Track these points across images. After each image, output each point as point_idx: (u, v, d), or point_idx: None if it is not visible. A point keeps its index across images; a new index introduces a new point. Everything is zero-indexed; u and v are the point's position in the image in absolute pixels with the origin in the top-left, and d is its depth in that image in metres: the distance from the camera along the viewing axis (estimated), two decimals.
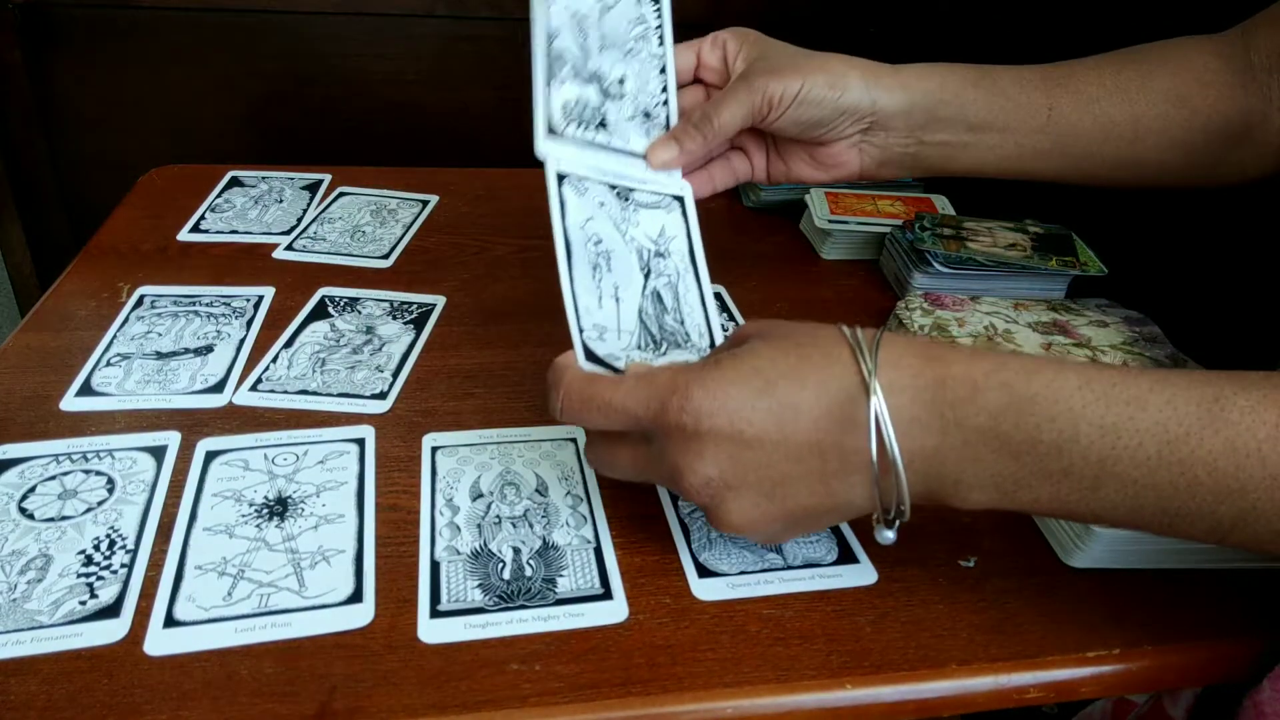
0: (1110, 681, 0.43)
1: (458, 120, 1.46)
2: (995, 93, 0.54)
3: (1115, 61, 0.55)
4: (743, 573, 0.46)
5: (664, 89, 0.54)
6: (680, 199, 0.53)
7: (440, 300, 0.69)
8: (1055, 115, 0.53)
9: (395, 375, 0.60)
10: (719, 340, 0.49)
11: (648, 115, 0.53)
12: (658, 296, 0.49)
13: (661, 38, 0.54)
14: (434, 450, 0.53)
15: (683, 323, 0.49)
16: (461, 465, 0.52)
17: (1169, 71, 0.54)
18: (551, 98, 0.48)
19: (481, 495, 0.50)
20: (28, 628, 0.41)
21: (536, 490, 0.50)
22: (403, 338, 0.64)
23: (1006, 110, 0.53)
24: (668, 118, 0.54)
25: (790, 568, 0.46)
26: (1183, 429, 0.34)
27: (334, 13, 1.38)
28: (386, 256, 0.75)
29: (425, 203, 0.85)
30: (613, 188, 0.49)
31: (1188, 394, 0.34)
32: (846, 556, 0.47)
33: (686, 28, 0.55)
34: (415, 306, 0.68)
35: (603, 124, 0.51)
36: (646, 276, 0.49)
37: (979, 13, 1.15)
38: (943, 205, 0.83)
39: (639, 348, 0.46)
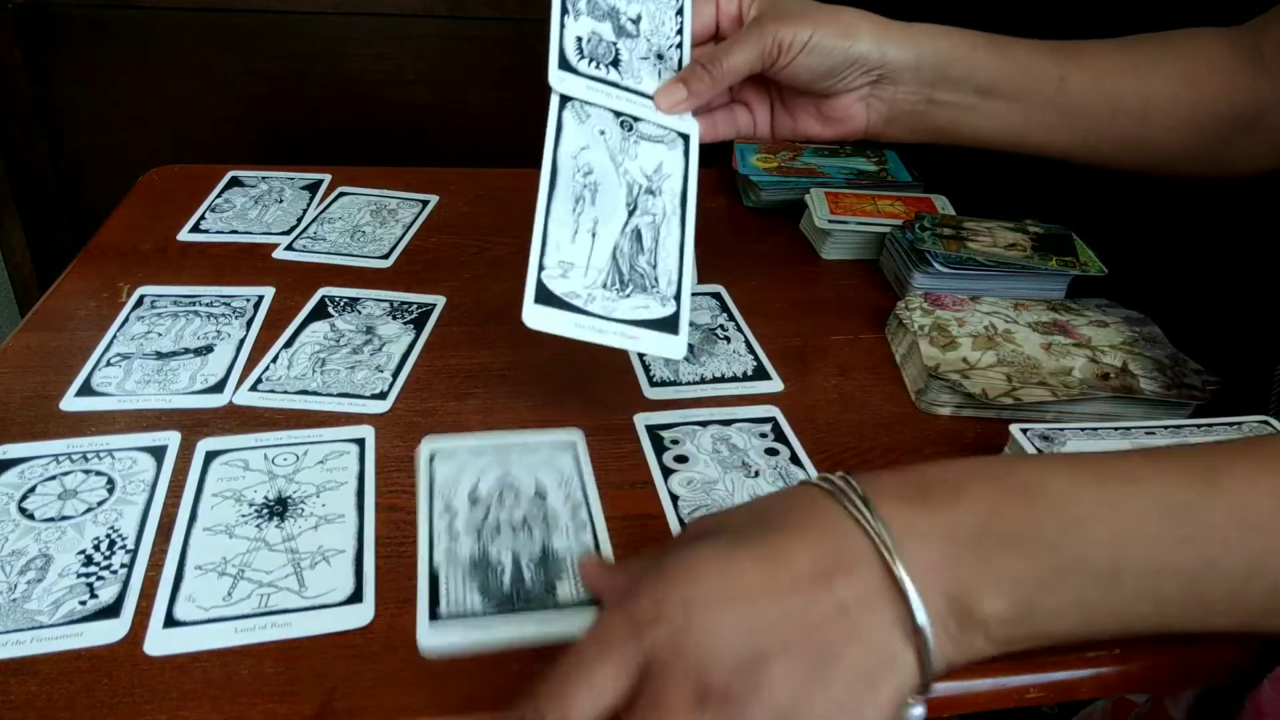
0: (1110, 681, 0.43)
1: (458, 120, 1.46)
2: (1007, 57, 0.54)
3: (1127, 42, 0.56)
4: None
5: (679, 31, 0.54)
6: (685, 136, 0.53)
7: (440, 300, 0.69)
8: (1065, 87, 0.54)
9: (395, 375, 0.60)
10: (686, 293, 0.49)
11: (661, 57, 0.53)
12: (637, 235, 0.49)
13: None
14: (432, 457, 0.53)
15: (655, 267, 0.49)
16: (459, 470, 0.51)
17: (1180, 55, 0.55)
18: (565, 30, 0.49)
19: (479, 500, 0.49)
20: (28, 628, 0.41)
21: (536, 494, 0.50)
22: (403, 338, 0.64)
23: (1017, 77, 0.54)
24: (680, 61, 0.54)
25: None
26: (1183, 500, 0.32)
27: (334, 13, 1.38)
28: (386, 256, 0.75)
29: (425, 203, 0.85)
30: (617, 115, 0.50)
31: (1179, 464, 0.33)
32: None
33: None
34: (415, 306, 0.68)
35: (615, 62, 0.51)
36: (631, 213, 0.49)
37: (984, 8, 1.15)
38: (943, 205, 0.83)
39: (604, 286, 0.47)
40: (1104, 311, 0.67)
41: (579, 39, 0.50)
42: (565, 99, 0.48)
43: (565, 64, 0.49)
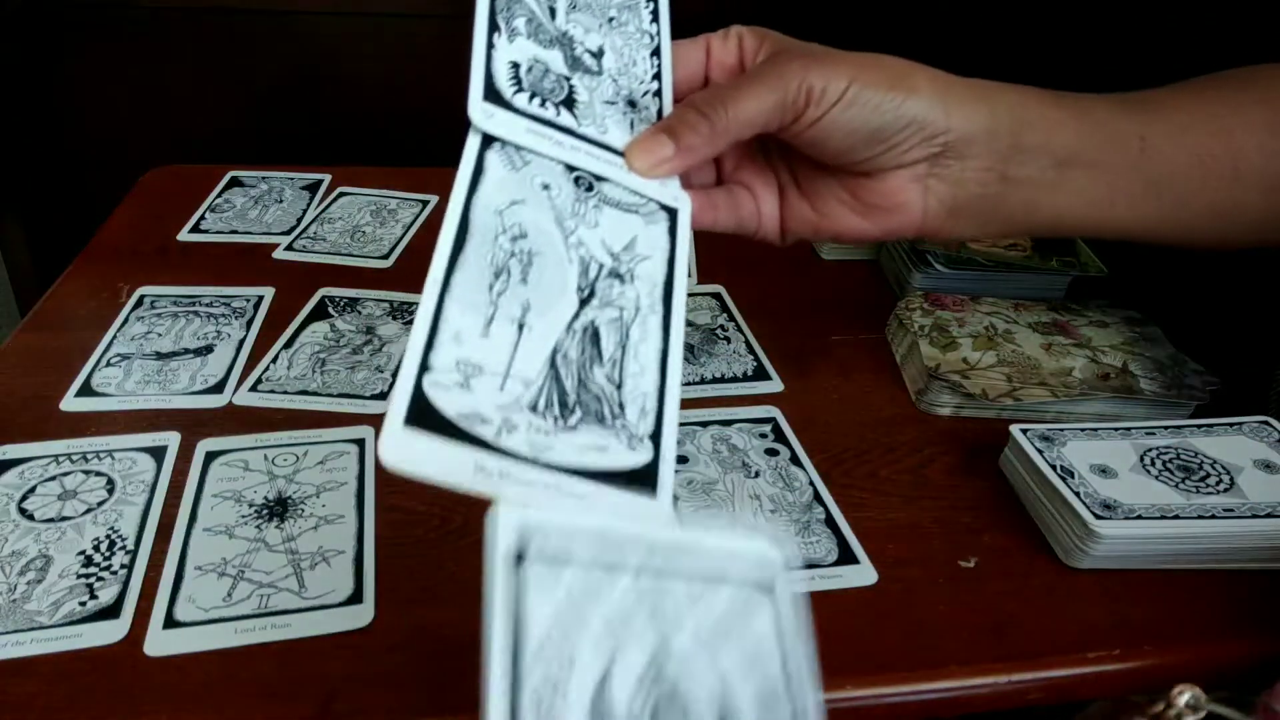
0: (1110, 681, 0.43)
1: (458, 120, 1.46)
2: (1080, 115, 0.43)
3: (1193, 88, 0.46)
4: None
5: (655, 75, 0.40)
6: (672, 211, 0.38)
7: None
8: (1149, 147, 0.43)
9: (395, 375, 0.60)
10: (670, 431, 0.32)
11: (633, 104, 0.39)
12: (593, 336, 0.32)
13: (655, 14, 0.41)
14: (520, 555, 0.52)
15: (620, 386, 0.32)
16: (576, 615, 0.48)
17: (1258, 97, 0.45)
18: (495, 52, 0.35)
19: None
20: (28, 628, 0.41)
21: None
22: (403, 338, 0.64)
23: (1096, 138, 0.43)
24: (660, 113, 0.40)
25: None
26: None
27: (334, 13, 1.38)
28: (386, 256, 0.75)
29: (425, 203, 0.85)
30: (570, 169, 0.35)
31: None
32: (846, 557, 0.47)
33: (687, 22, 0.50)
34: (415, 306, 0.68)
35: (569, 101, 0.37)
36: (584, 302, 0.33)
37: (980, 14, 1.15)
38: None
39: (533, 407, 0.29)
40: (1104, 311, 0.67)
41: (514, 65, 0.36)
42: (490, 139, 0.34)
43: (494, 95, 0.34)
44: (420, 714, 0.38)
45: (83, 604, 0.42)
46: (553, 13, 0.38)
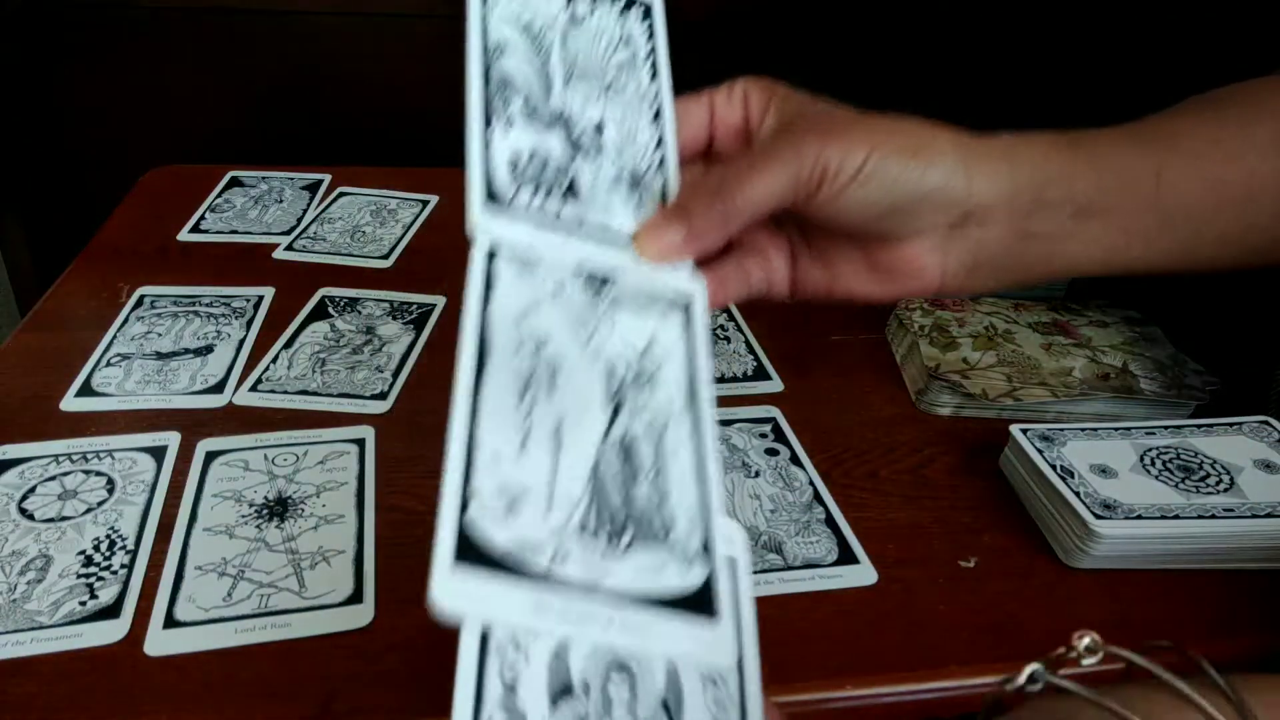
0: (1110, 681, 0.43)
1: (458, 120, 1.45)
2: (1096, 162, 0.42)
3: (1202, 110, 0.45)
4: None
5: (659, 142, 0.38)
6: (685, 301, 0.36)
7: (440, 300, 0.69)
8: (1164, 183, 0.42)
9: (395, 375, 0.60)
10: (719, 540, 0.30)
11: (636, 181, 0.37)
12: (627, 450, 0.31)
13: (654, 69, 0.39)
14: None
15: (663, 501, 0.30)
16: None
17: (1268, 116, 0.44)
18: (492, 148, 0.33)
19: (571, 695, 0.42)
20: (28, 628, 0.41)
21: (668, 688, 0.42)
22: (403, 338, 0.64)
23: (1114, 183, 0.42)
24: (665, 185, 0.37)
25: (790, 568, 0.46)
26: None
27: (334, 13, 1.38)
28: (386, 256, 0.75)
29: (425, 203, 0.85)
30: (580, 268, 0.34)
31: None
32: (846, 557, 0.47)
33: (684, 27, 0.48)
34: (415, 306, 0.68)
35: (571, 190, 0.35)
36: (614, 413, 0.32)
37: (979, 11, 1.15)
38: None
39: (582, 529, 0.28)
40: (1104, 311, 0.67)
41: (514, 158, 0.34)
42: (495, 252, 0.32)
43: (495, 199, 0.33)
44: (420, 714, 0.38)
45: (83, 604, 0.42)
46: (549, 88, 0.36)
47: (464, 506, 0.26)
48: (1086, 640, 0.38)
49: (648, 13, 0.39)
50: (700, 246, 0.37)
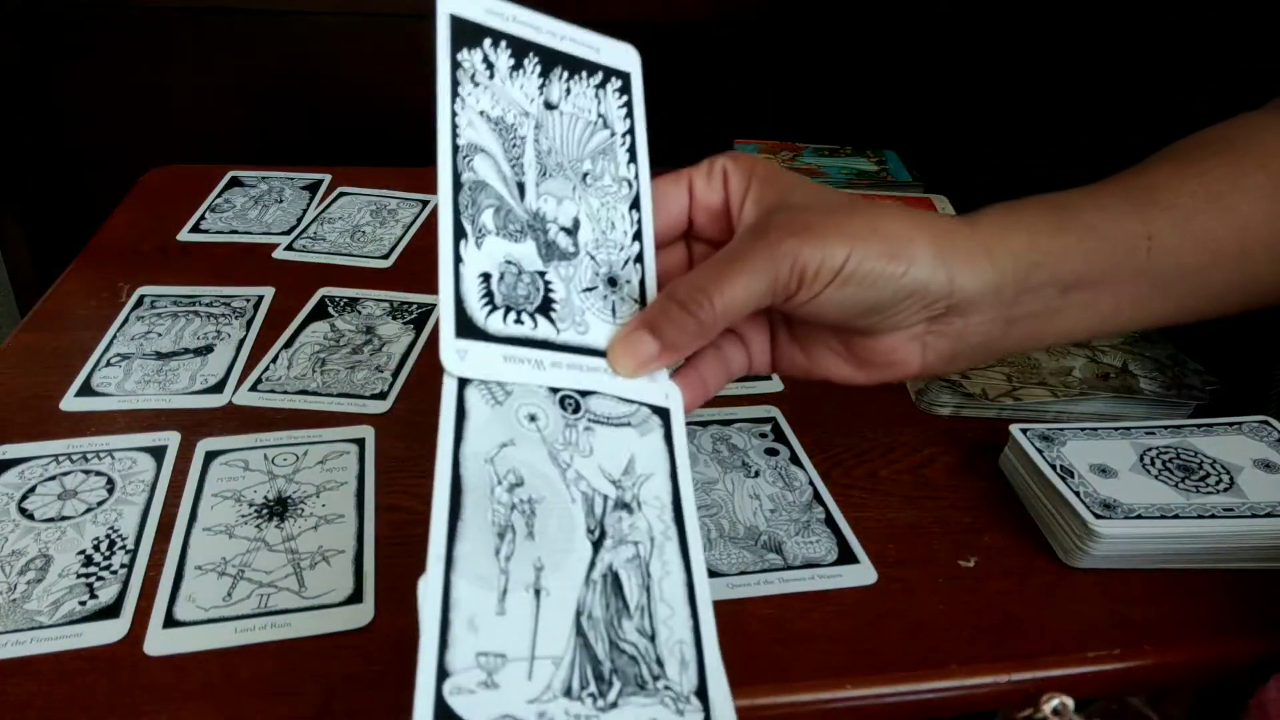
0: (1110, 681, 0.43)
1: None
2: (1086, 233, 0.40)
3: (1186, 159, 0.44)
4: (742, 573, 0.46)
5: (636, 235, 0.37)
6: (663, 412, 0.35)
7: None
8: (1155, 247, 0.41)
9: (395, 375, 0.60)
10: (717, 678, 0.30)
11: (613, 282, 0.36)
12: (613, 584, 0.30)
13: (633, 150, 0.37)
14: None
15: (654, 638, 0.29)
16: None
17: (1258, 162, 0.43)
18: (463, 267, 0.32)
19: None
20: (27, 628, 0.41)
21: None
22: (403, 338, 0.64)
23: (1103, 255, 0.40)
24: (642, 287, 0.36)
25: (790, 568, 0.46)
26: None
27: (334, 13, 1.38)
28: (386, 256, 0.75)
29: (425, 203, 0.85)
30: (554, 392, 0.33)
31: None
32: (846, 556, 0.47)
33: (686, 27, 0.46)
34: (415, 306, 0.68)
35: (546, 307, 0.33)
36: (596, 548, 0.30)
37: (978, 12, 1.15)
38: (943, 205, 0.83)
39: (566, 693, 0.27)
40: None
41: (485, 279, 0.32)
42: (467, 380, 0.31)
43: (467, 327, 0.31)
44: None
45: (83, 603, 0.42)
46: (522, 190, 0.34)
47: (440, 684, 0.25)
48: (1054, 703, 0.39)
49: (625, 85, 0.37)
50: (674, 357, 0.36)
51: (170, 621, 0.42)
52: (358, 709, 0.38)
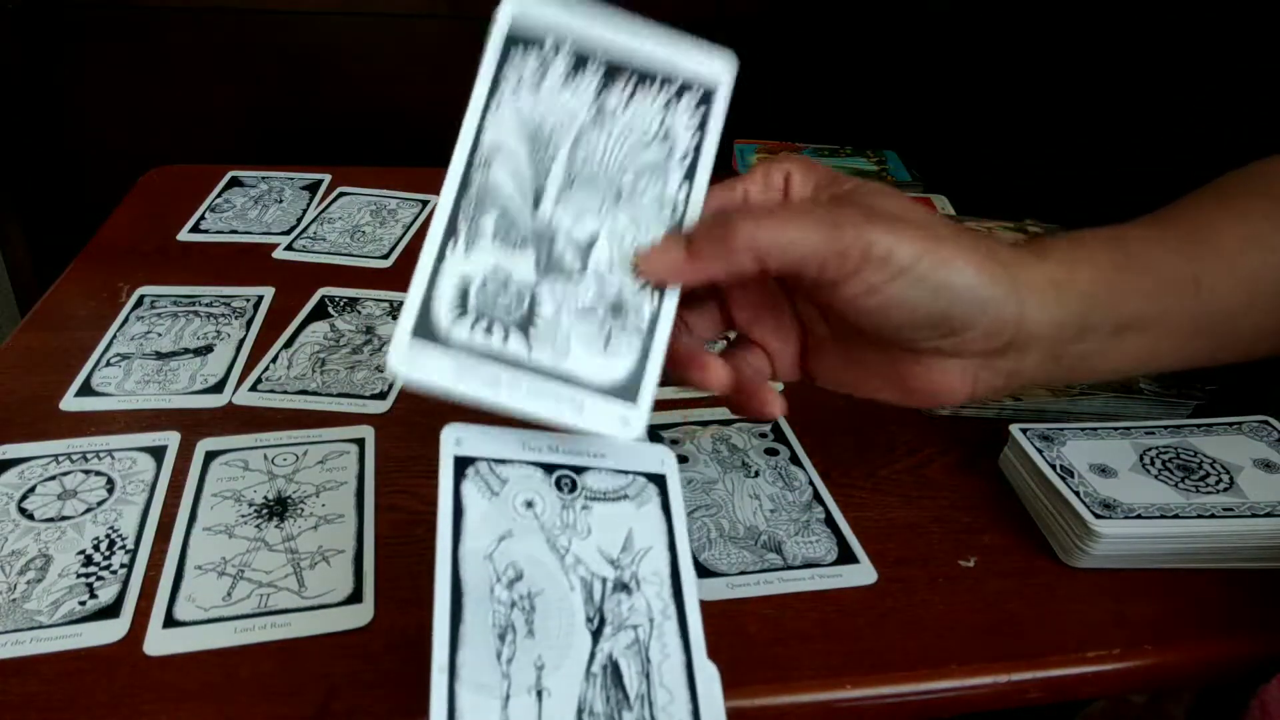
0: (1110, 681, 0.43)
1: (458, 120, 1.46)
2: (1141, 272, 0.39)
3: (1227, 197, 0.43)
4: (742, 573, 0.46)
5: None
6: (659, 478, 0.34)
7: None
8: (1203, 289, 0.40)
9: None
10: None
11: (618, 310, 0.33)
12: (613, 675, 0.30)
13: (691, 170, 0.34)
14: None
15: None
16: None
17: None
18: (444, 270, 0.31)
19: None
20: (27, 628, 0.41)
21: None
22: None
23: (1156, 296, 0.39)
24: (654, 319, 0.33)
25: (790, 568, 0.46)
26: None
27: (334, 13, 1.38)
28: (386, 256, 0.75)
29: (425, 203, 0.85)
30: (549, 470, 0.32)
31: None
32: (846, 556, 0.47)
33: (681, 28, 0.46)
34: None
35: (527, 322, 0.31)
36: (597, 634, 0.30)
37: (975, 13, 1.16)
38: (943, 205, 0.83)
39: None
40: None
41: (463, 283, 0.31)
42: (463, 464, 0.30)
43: (426, 329, 0.30)
44: (420, 714, 0.38)
45: (82, 603, 0.42)
46: (537, 199, 0.32)
47: None
48: None
49: (706, 99, 0.34)
50: (699, 272, 0.33)
51: (170, 621, 0.42)
52: (358, 709, 0.38)
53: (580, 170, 0.33)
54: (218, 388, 0.58)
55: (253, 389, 0.58)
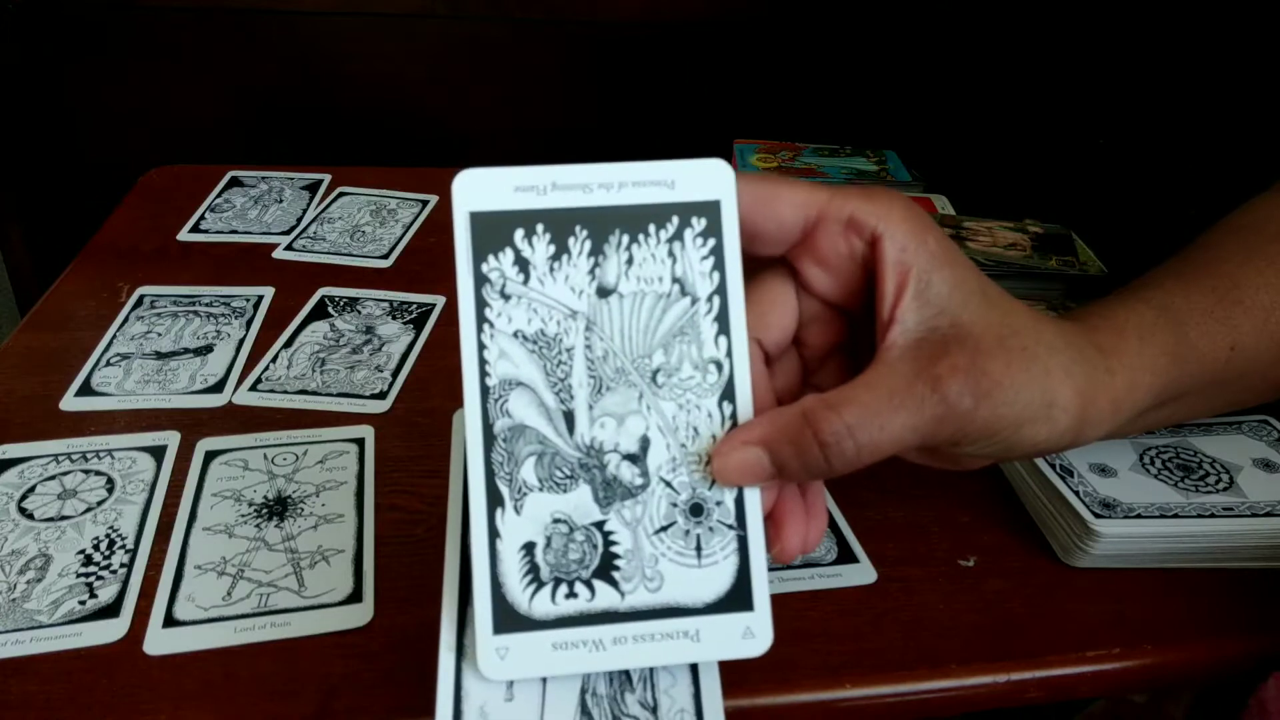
0: (1110, 681, 0.43)
1: (458, 120, 1.46)
2: (1189, 353, 0.38)
3: (1252, 244, 0.42)
4: None
5: (733, 426, 0.29)
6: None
7: (440, 300, 0.69)
8: (1235, 355, 0.40)
9: (395, 375, 0.60)
10: None
11: (698, 510, 0.29)
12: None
13: (724, 316, 0.29)
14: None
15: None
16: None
17: None
18: (503, 543, 0.28)
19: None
20: (27, 627, 0.41)
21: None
22: (402, 338, 0.64)
23: (1191, 374, 0.39)
24: (740, 502, 0.29)
25: (790, 568, 0.46)
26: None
27: (334, 13, 1.38)
28: (386, 256, 0.75)
29: (425, 203, 0.85)
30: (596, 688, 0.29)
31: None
32: (846, 556, 0.47)
33: (682, 28, 0.41)
34: (415, 306, 0.68)
35: (607, 566, 0.28)
36: None
37: (978, 13, 1.16)
38: (943, 205, 0.83)
39: None
40: None
41: (528, 550, 0.28)
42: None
43: (509, 618, 0.27)
44: (420, 714, 0.38)
45: (82, 603, 0.42)
46: (571, 421, 0.28)
47: None
48: None
49: (712, 222, 0.29)
50: (779, 484, 0.30)
51: (170, 621, 0.42)
52: (357, 708, 0.38)
53: (603, 368, 0.29)
54: (217, 387, 0.58)
55: (252, 389, 0.58)
